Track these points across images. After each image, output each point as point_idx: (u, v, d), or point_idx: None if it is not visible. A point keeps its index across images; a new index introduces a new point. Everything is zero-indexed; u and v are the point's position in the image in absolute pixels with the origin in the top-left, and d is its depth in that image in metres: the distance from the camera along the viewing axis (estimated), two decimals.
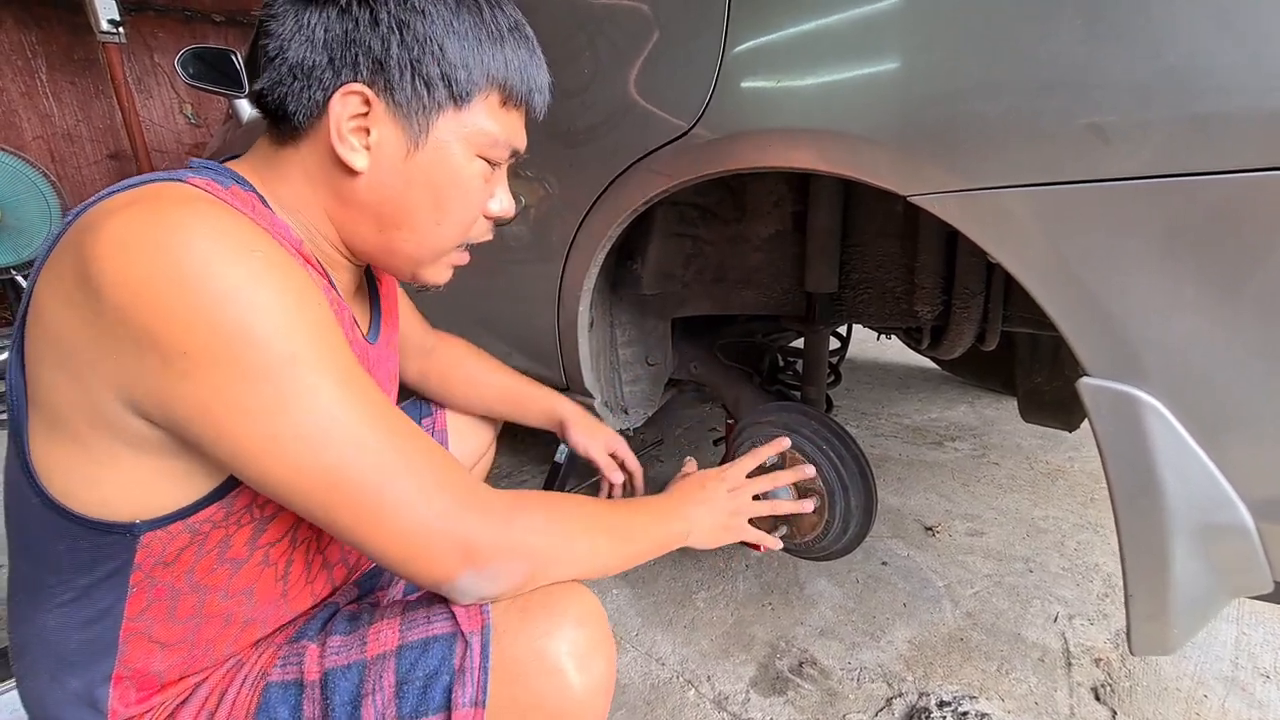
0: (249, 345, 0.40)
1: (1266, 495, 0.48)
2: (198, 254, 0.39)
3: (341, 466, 0.43)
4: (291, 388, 0.41)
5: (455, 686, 0.48)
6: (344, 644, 0.53)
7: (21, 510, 0.46)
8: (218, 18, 4.40)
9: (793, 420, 0.93)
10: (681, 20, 0.77)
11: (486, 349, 1.23)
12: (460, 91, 0.51)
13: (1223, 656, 1.06)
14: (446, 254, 0.59)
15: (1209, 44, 0.42)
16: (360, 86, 0.48)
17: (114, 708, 0.51)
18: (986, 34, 0.52)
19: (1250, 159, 0.42)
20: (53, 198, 2.61)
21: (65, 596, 0.48)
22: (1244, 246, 0.44)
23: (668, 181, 0.79)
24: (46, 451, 0.44)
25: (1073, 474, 1.72)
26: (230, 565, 0.52)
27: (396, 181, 0.52)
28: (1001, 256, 0.54)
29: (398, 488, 0.45)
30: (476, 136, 0.53)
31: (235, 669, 0.55)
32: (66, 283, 0.40)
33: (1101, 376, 0.51)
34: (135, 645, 0.50)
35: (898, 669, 1.06)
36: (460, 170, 0.54)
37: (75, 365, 0.41)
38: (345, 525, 0.45)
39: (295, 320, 0.42)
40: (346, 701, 0.49)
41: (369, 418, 0.45)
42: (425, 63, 0.49)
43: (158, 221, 0.40)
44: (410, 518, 0.45)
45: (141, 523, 0.46)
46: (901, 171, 0.58)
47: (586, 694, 0.50)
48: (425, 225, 0.55)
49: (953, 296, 0.90)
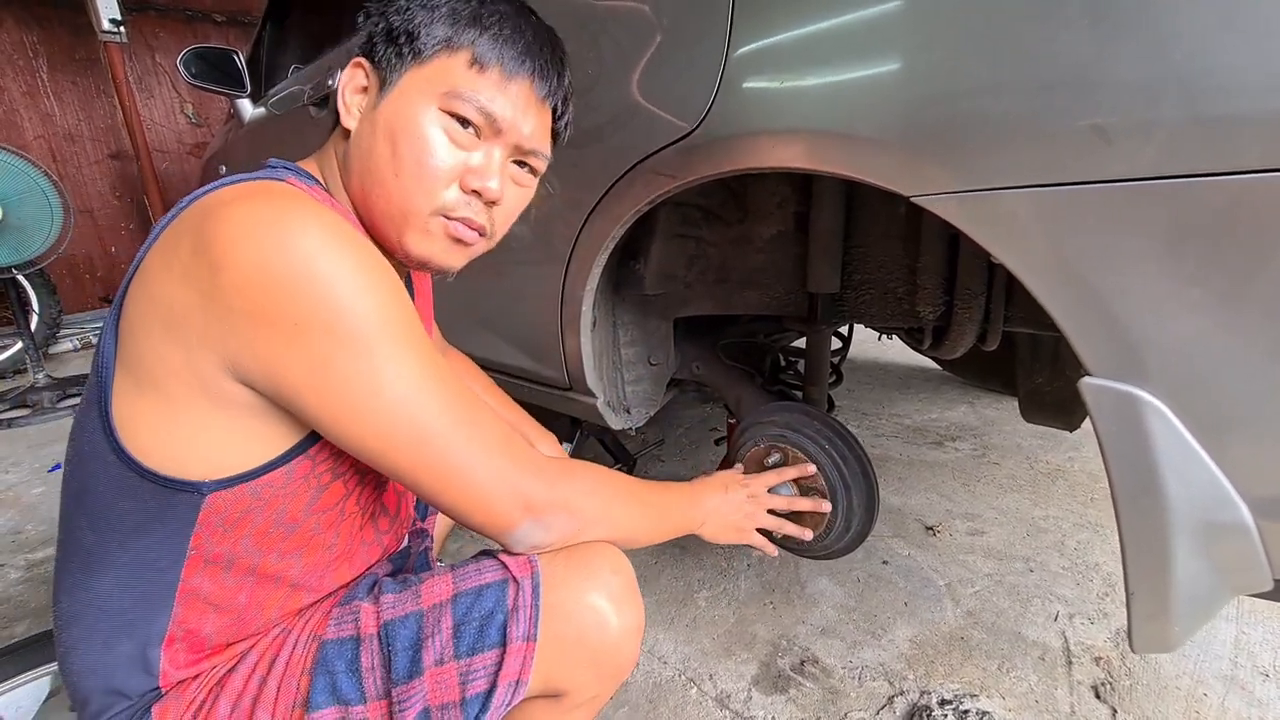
0: (352, 320, 0.46)
1: (1267, 493, 0.48)
2: (309, 241, 0.45)
3: (426, 428, 0.50)
4: (385, 359, 0.47)
5: (510, 623, 0.54)
6: (398, 600, 0.57)
7: (90, 475, 0.51)
8: (219, 17, 4.40)
9: (795, 420, 0.94)
10: (685, 22, 0.77)
11: (490, 348, 1.24)
12: (420, 45, 0.55)
13: (1222, 655, 1.06)
14: (418, 215, 0.57)
15: (1212, 44, 0.43)
16: (360, 58, 0.58)
17: (165, 669, 0.54)
18: (988, 34, 0.52)
19: (1253, 160, 0.42)
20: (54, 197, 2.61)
21: (124, 558, 0.51)
22: (1246, 248, 0.44)
23: (671, 182, 0.79)
24: (131, 410, 0.49)
25: (1073, 474, 1.73)
26: (285, 529, 0.56)
27: (366, 132, 0.57)
28: (1004, 257, 0.54)
29: (472, 449, 0.52)
30: (434, 85, 0.55)
31: (282, 636, 0.58)
32: (183, 261, 0.45)
33: (1103, 376, 0.51)
34: (189, 606, 0.54)
35: (899, 667, 1.07)
36: (415, 117, 0.55)
37: (182, 332, 0.46)
38: (426, 480, 0.51)
39: (387, 302, 0.48)
40: (407, 647, 0.54)
41: (445, 389, 0.51)
42: (397, 26, 0.56)
43: (274, 212, 0.46)
44: (483, 474, 0.52)
45: (210, 482, 0.50)
46: (904, 172, 0.58)
47: (623, 634, 0.58)
48: (386, 175, 0.55)
49: (954, 297, 0.90)
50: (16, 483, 2.00)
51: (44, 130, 3.83)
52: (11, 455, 2.24)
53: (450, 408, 0.51)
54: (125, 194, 4.19)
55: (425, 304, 0.79)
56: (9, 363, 3.26)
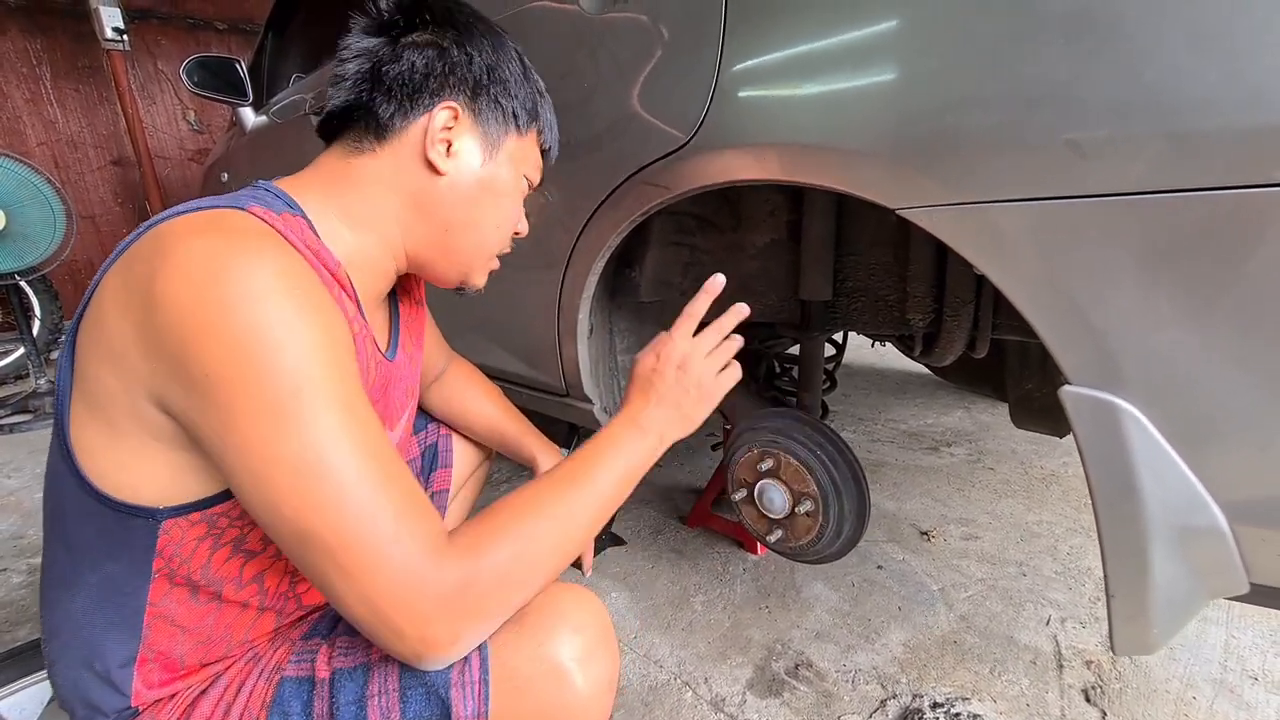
0: (263, 377, 0.43)
1: (1239, 498, 0.49)
2: (245, 289, 0.43)
3: (317, 507, 0.43)
4: (291, 422, 0.43)
5: (455, 700, 0.49)
6: (351, 645, 0.55)
7: (60, 495, 0.51)
8: (221, 25, 4.43)
9: (787, 425, 0.95)
10: (680, 34, 0.78)
11: (488, 355, 1.25)
12: (523, 122, 0.64)
13: (1211, 659, 1.07)
14: (491, 258, 0.69)
15: (1187, 61, 0.44)
16: (455, 103, 0.59)
17: (138, 689, 0.54)
18: (972, 51, 0.54)
19: (1226, 176, 0.43)
20: (56, 204, 2.62)
21: (93, 580, 0.51)
22: (1219, 261, 0.45)
23: (665, 193, 0.80)
24: (85, 435, 0.48)
25: (1066, 479, 1.74)
26: (244, 555, 0.55)
27: (471, 186, 0.62)
28: (986, 268, 0.56)
29: (365, 538, 0.44)
30: (526, 160, 0.66)
31: (253, 662, 0.57)
32: (130, 293, 0.44)
33: (1083, 385, 0.53)
34: (158, 629, 0.53)
35: (892, 671, 1.08)
36: (513, 184, 0.66)
37: (121, 364, 0.45)
38: (310, 561, 0.44)
39: (312, 358, 0.44)
40: (351, 702, 0.51)
41: (355, 463, 0.45)
42: (503, 96, 0.62)
43: (221, 253, 0.44)
44: (371, 584, 0.44)
45: (165, 509, 0.49)
46: (890, 185, 0.60)
47: (590, 696, 0.52)
48: (488, 227, 0.65)
49: (944, 305, 0.92)
50: (18, 488, 2.01)
51: (47, 137, 3.85)
52: (13, 460, 2.25)
53: (354, 489, 0.44)
54: (128, 200, 4.21)
55: (417, 311, 0.79)
56: (11, 368, 3.27)
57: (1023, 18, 0.51)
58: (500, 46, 0.62)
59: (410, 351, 0.74)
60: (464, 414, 0.94)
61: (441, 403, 0.94)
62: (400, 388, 0.71)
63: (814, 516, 0.91)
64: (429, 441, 0.93)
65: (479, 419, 0.94)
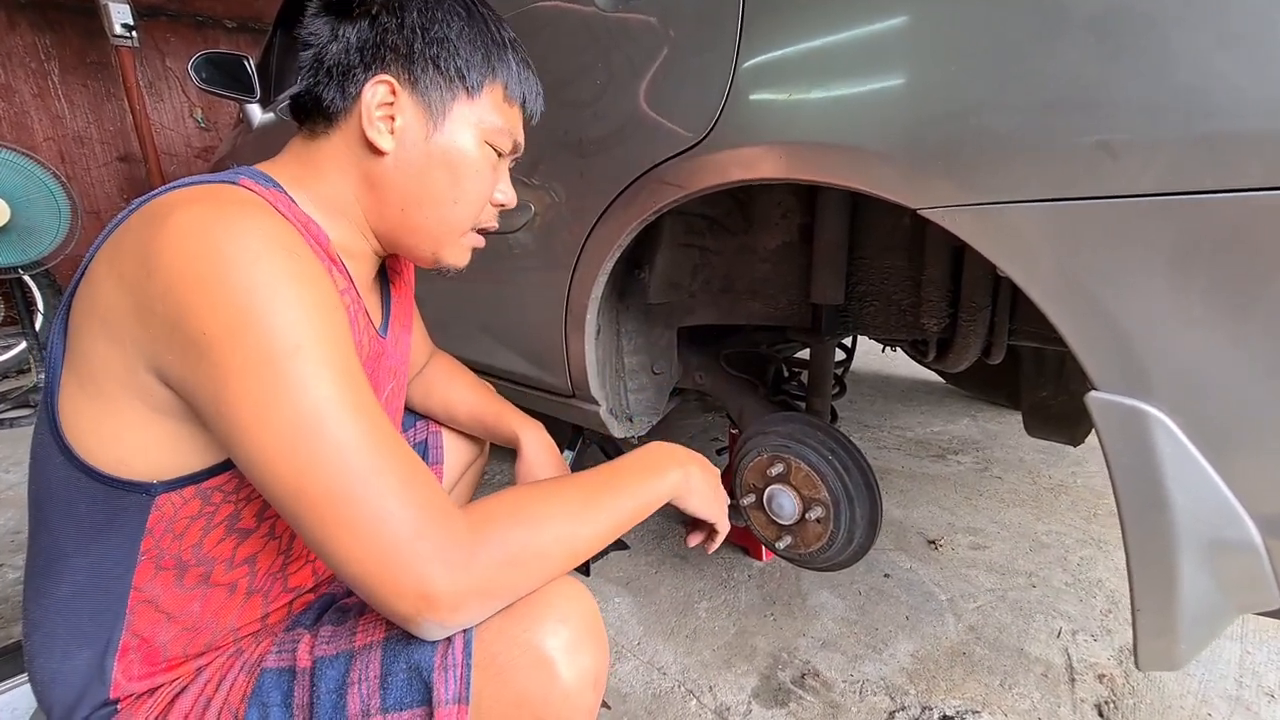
0: (260, 334, 0.43)
1: (1274, 511, 0.48)
2: (241, 250, 0.43)
3: (316, 463, 0.43)
4: (288, 379, 0.43)
5: (437, 683, 0.48)
6: (334, 634, 0.54)
7: (48, 476, 0.50)
8: (230, 23, 4.44)
9: (798, 431, 0.93)
10: (694, 33, 0.77)
11: (493, 354, 1.24)
12: (472, 83, 0.58)
13: (1227, 675, 1.05)
14: (463, 233, 0.64)
15: (1217, 63, 0.43)
16: (388, 77, 0.55)
17: (118, 679, 0.53)
18: (997, 50, 0.53)
19: (1258, 178, 0.42)
20: (63, 198, 2.62)
21: (79, 563, 0.51)
22: (1252, 264, 0.44)
23: (677, 192, 0.79)
24: (76, 410, 0.48)
25: (1076, 489, 1.72)
26: (238, 535, 0.55)
27: (419, 160, 0.58)
28: (1011, 270, 0.54)
29: (369, 497, 0.43)
30: (485, 124, 0.60)
31: (235, 657, 0.57)
32: (125, 263, 0.44)
33: (1110, 391, 0.51)
34: (142, 614, 0.53)
35: (900, 682, 1.06)
36: (471, 152, 0.60)
37: (118, 333, 0.45)
38: (308, 523, 0.43)
39: (309, 318, 0.45)
40: (332, 690, 0.50)
41: (356, 424, 0.44)
42: (442, 58, 0.57)
43: (216, 218, 0.44)
44: (371, 538, 0.43)
45: (158, 483, 0.49)
46: (911, 185, 0.58)
47: (574, 689, 0.50)
48: (445, 202, 0.60)
49: (959, 310, 0.90)
50: (18, 482, 2.00)
51: (54, 132, 3.85)
52: (13, 455, 2.24)
53: (355, 445, 0.43)
54: (133, 196, 4.21)
55: (407, 293, 0.78)
56: (12, 363, 3.27)
57: (1052, 17, 0.50)
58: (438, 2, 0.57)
59: (399, 333, 0.74)
60: (446, 404, 0.93)
61: (422, 396, 0.93)
62: (391, 362, 0.72)
63: (824, 523, 0.90)
64: (418, 439, 0.92)
65: (460, 406, 0.92)
